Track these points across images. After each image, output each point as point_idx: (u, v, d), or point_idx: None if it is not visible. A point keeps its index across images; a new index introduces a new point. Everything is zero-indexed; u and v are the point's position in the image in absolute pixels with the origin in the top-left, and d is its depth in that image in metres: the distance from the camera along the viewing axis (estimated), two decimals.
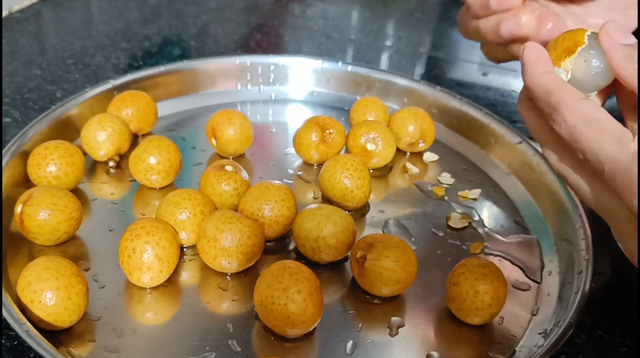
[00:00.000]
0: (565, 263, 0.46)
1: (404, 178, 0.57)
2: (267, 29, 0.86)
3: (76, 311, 0.38)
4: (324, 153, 0.56)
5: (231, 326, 0.41)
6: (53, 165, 0.48)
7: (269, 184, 0.47)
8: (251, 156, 0.58)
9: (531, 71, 0.35)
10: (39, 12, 0.83)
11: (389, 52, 0.83)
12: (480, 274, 0.41)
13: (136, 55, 0.75)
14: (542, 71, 0.35)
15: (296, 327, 0.38)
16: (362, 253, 0.42)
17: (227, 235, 0.42)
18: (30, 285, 0.37)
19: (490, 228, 0.51)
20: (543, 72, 0.35)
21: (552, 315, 0.42)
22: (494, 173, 0.58)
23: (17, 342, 0.38)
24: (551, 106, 0.34)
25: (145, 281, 0.42)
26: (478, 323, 0.41)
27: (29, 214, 0.43)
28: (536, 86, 0.35)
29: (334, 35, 0.85)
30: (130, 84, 0.61)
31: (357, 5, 0.96)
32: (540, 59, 0.36)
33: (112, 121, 0.53)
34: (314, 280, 0.39)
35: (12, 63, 0.69)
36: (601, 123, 0.32)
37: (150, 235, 0.41)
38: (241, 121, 0.55)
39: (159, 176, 0.51)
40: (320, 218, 0.44)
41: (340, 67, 0.67)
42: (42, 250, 0.45)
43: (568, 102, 0.33)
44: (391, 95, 0.66)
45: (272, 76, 0.67)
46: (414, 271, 0.42)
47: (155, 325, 0.41)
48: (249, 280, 0.44)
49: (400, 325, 0.42)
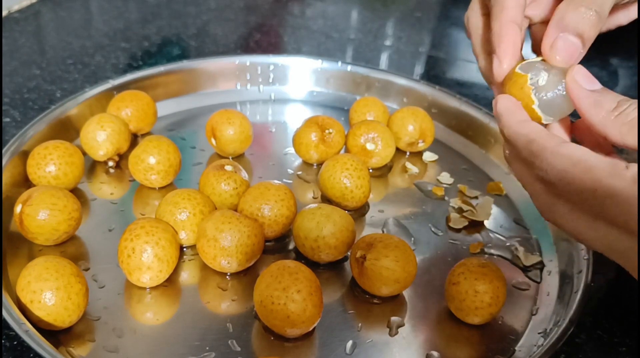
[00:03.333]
0: (565, 263, 0.46)
1: (404, 178, 0.57)
2: (267, 28, 0.86)
3: (76, 311, 0.38)
4: (323, 153, 0.56)
5: (231, 326, 0.41)
6: (52, 165, 0.48)
7: (269, 184, 0.47)
8: (251, 156, 0.58)
9: (508, 123, 0.35)
10: (38, 12, 0.83)
11: (388, 51, 0.83)
12: (479, 274, 0.41)
13: (136, 55, 0.74)
14: (519, 120, 0.34)
15: (296, 326, 0.38)
16: (362, 253, 0.42)
17: (226, 235, 0.42)
18: (29, 285, 0.37)
19: (489, 227, 0.51)
20: (519, 121, 0.34)
21: (552, 314, 0.42)
22: (493, 172, 0.58)
23: (17, 342, 0.38)
24: (534, 155, 0.33)
25: (145, 281, 0.42)
26: (478, 322, 0.41)
27: (28, 214, 0.43)
28: (516, 137, 0.34)
29: (334, 35, 0.85)
30: (129, 84, 0.61)
31: (357, 5, 0.96)
32: (515, 109, 0.35)
33: (111, 121, 0.53)
34: (313, 280, 0.39)
35: (12, 63, 0.69)
36: (590, 162, 0.31)
37: (149, 235, 0.41)
38: (241, 121, 0.55)
39: (158, 176, 0.51)
40: (320, 217, 0.44)
41: (340, 67, 0.67)
42: (42, 250, 0.45)
43: (552, 148, 0.32)
44: (391, 95, 0.66)
45: (272, 75, 0.67)
46: (413, 271, 0.42)
47: (155, 325, 0.41)
48: (249, 279, 0.44)
49: (399, 325, 0.42)
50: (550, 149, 0.32)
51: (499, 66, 0.37)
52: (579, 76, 0.34)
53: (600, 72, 0.79)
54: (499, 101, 0.36)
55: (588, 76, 0.34)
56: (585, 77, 0.34)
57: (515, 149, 0.35)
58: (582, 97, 0.33)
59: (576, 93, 0.34)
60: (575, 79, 0.34)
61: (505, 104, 0.36)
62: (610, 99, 0.33)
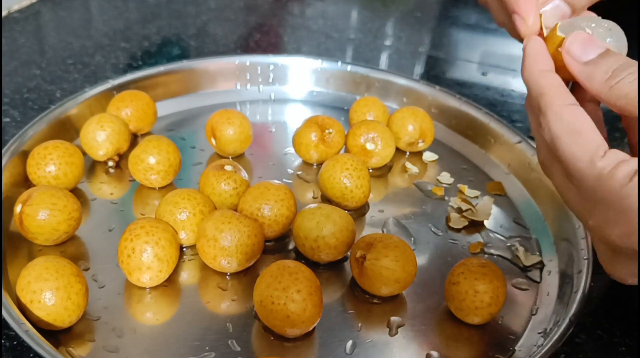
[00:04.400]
0: (564, 263, 0.46)
1: (404, 178, 0.57)
2: (267, 28, 0.86)
3: (76, 311, 0.38)
4: (323, 153, 0.56)
5: (231, 326, 0.41)
6: (52, 165, 0.48)
7: (269, 184, 0.47)
8: (250, 156, 0.58)
9: (529, 67, 0.35)
10: (38, 12, 0.83)
11: (388, 51, 0.83)
12: (479, 273, 0.41)
13: (135, 55, 0.74)
14: (540, 69, 0.34)
15: (296, 326, 0.38)
16: (362, 253, 0.42)
17: (226, 235, 0.42)
18: (29, 285, 0.37)
19: (489, 227, 0.51)
20: (540, 70, 0.34)
21: (552, 314, 0.42)
22: (493, 172, 0.58)
23: (17, 342, 0.38)
24: (540, 108, 0.33)
25: (145, 281, 0.42)
26: (477, 322, 0.41)
27: (28, 214, 0.43)
28: (530, 84, 0.34)
29: (333, 35, 0.85)
30: (129, 84, 0.61)
31: (357, 5, 0.96)
32: (541, 55, 0.35)
33: (111, 121, 0.53)
34: (313, 280, 0.39)
35: (11, 63, 0.69)
36: (581, 136, 0.31)
37: (149, 235, 0.41)
38: (240, 121, 0.55)
39: (158, 175, 0.51)
40: (320, 217, 0.44)
41: (340, 66, 0.67)
42: (42, 250, 0.45)
43: (556, 108, 0.32)
44: (390, 95, 0.66)
45: (272, 75, 0.67)
46: (413, 271, 0.42)
47: (154, 324, 0.41)
48: (249, 279, 0.44)
49: (399, 325, 0.42)
50: (554, 109, 0.32)
51: (523, 25, 0.37)
52: (574, 46, 0.33)
53: None
54: (529, 42, 0.35)
55: (584, 43, 0.33)
56: (581, 46, 0.33)
57: (528, 95, 0.35)
58: (576, 70, 0.33)
59: (571, 66, 0.33)
60: (568, 50, 0.33)
61: (533, 47, 0.35)
62: (604, 69, 0.32)
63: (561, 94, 0.33)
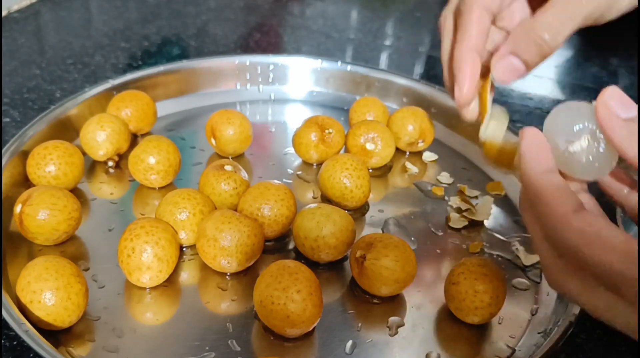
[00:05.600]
0: None
1: (404, 178, 0.57)
2: (267, 28, 0.86)
3: (75, 311, 0.38)
4: (323, 153, 0.56)
5: (231, 326, 0.41)
6: (52, 165, 0.48)
7: (269, 184, 0.47)
8: (250, 156, 0.58)
9: (528, 169, 0.30)
10: (38, 12, 0.83)
11: (388, 51, 0.83)
12: (479, 273, 0.41)
13: (135, 55, 0.74)
14: (539, 171, 0.30)
15: (296, 326, 0.38)
16: (362, 253, 0.42)
17: (226, 235, 0.42)
18: (29, 285, 0.37)
19: (489, 227, 0.51)
20: (539, 172, 0.30)
21: (552, 314, 0.42)
22: (493, 172, 0.58)
23: (17, 342, 0.38)
24: (542, 218, 0.29)
25: (145, 281, 0.42)
26: (477, 322, 0.41)
27: (28, 214, 0.43)
28: (529, 188, 0.30)
29: (333, 35, 0.85)
30: (129, 84, 0.61)
31: (357, 5, 0.96)
32: (541, 154, 0.31)
33: (111, 121, 0.53)
34: (313, 280, 0.39)
35: (11, 63, 0.69)
36: (602, 239, 0.27)
37: (149, 235, 0.41)
38: (240, 121, 0.55)
39: (158, 175, 0.51)
40: (320, 217, 0.44)
41: (340, 66, 0.67)
42: (42, 250, 0.45)
43: (561, 218, 0.28)
44: (390, 94, 0.66)
45: (272, 75, 0.67)
46: (413, 271, 0.42)
47: (154, 324, 0.41)
48: (249, 279, 0.44)
49: (399, 325, 0.42)
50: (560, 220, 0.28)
51: (459, 92, 0.39)
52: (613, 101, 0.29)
53: (600, 72, 0.78)
54: (525, 136, 0.31)
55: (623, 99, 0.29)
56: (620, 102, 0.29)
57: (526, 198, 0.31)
58: (616, 127, 0.29)
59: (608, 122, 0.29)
60: (607, 104, 0.29)
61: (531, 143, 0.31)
62: None
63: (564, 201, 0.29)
